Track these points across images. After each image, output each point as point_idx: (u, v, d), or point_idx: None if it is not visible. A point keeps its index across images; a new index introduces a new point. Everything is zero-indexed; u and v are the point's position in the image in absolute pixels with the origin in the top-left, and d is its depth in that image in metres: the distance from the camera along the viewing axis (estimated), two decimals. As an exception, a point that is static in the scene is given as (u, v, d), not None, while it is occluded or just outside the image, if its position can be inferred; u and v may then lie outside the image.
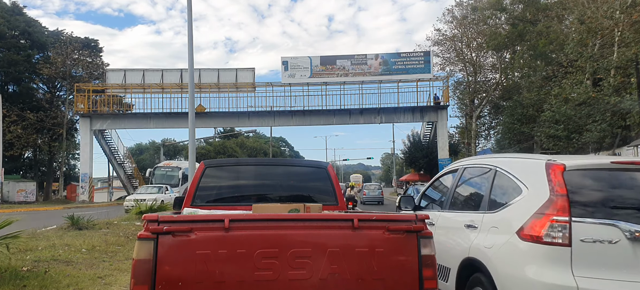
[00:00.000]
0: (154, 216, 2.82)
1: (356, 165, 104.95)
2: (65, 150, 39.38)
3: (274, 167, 5.73)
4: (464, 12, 39.33)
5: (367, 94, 34.14)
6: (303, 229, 2.91)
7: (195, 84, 26.32)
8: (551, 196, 3.16)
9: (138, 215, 13.60)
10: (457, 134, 47.59)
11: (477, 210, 4.00)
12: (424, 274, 2.92)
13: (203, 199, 4.94)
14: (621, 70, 23.24)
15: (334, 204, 5.10)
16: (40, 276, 5.87)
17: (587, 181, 3.26)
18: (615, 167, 3.34)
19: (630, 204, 3.20)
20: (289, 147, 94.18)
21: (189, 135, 14.56)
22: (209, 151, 59.21)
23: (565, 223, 3.03)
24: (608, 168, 3.37)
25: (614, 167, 3.34)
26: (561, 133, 25.78)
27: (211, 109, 34.19)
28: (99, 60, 40.44)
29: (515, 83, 37.69)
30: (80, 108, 34.32)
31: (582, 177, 3.27)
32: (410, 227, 2.98)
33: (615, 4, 23.95)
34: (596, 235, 2.99)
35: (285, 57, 34.45)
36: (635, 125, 21.07)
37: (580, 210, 3.09)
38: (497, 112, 40.57)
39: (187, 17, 14.41)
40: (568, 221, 3.04)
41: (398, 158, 62.03)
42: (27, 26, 38.50)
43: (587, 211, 3.10)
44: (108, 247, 8.58)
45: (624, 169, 3.33)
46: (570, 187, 3.15)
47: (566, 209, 3.06)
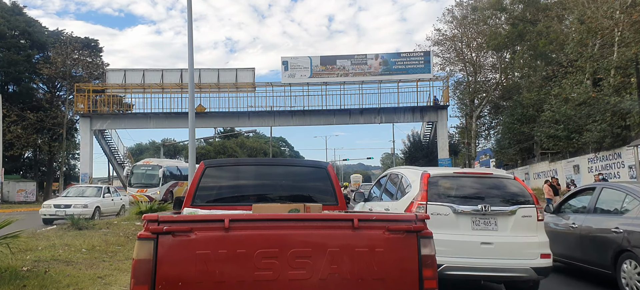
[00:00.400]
0: (154, 216, 2.82)
1: (356, 165, 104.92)
2: (65, 150, 39.37)
3: (274, 167, 5.73)
4: (464, 12, 39.33)
5: (367, 94, 34.11)
6: (303, 229, 2.91)
7: (195, 84, 26.28)
8: (420, 191, 5.84)
9: (138, 215, 13.60)
10: (457, 134, 47.59)
11: (391, 200, 6.87)
12: (424, 274, 2.92)
13: (203, 199, 4.94)
14: (621, 70, 23.23)
15: (334, 204, 5.10)
16: (40, 276, 5.87)
17: (439, 182, 5.93)
18: (455, 175, 6.12)
19: (456, 195, 5.80)
20: (289, 147, 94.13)
21: (189, 135, 14.56)
22: (209, 151, 59.19)
23: (423, 205, 5.67)
24: (451, 175, 6.16)
25: (455, 175, 6.12)
26: (561, 133, 25.78)
27: (211, 109, 34.15)
28: (99, 60, 40.44)
29: (515, 83, 37.68)
30: (80, 108, 34.30)
31: (436, 180, 5.91)
32: (410, 227, 2.97)
33: (615, 4, 23.95)
34: (439, 211, 5.61)
35: (285, 57, 34.42)
36: (635, 125, 21.06)
37: (433, 198, 5.74)
38: (497, 112, 40.57)
39: (187, 17, 14.41)
40: (425, 204, 5.66)
41: (398, 158, 62.02)
42: (27, 26, 38.48)
43: (436, 198, 5.74)
44: (108, 247, 8.58)
45: (459, 176, 6.09)
46: (429, 186, 5.79)
47: (425, 198, 5.72)
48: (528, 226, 5.72)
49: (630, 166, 19.95)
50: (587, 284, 7.04)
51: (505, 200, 5.83)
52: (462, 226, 5.62)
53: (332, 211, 4.64)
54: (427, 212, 5.49)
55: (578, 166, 25.27)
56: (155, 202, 19.81)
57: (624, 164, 21.13)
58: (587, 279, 7.16)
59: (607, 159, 22.53)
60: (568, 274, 7.51)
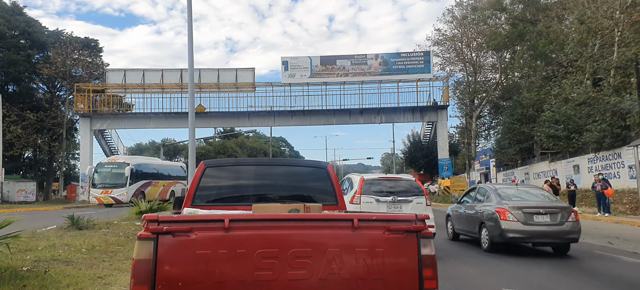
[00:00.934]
0: (154, 216, 2.82)
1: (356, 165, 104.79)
2: (65, 150, 39.36)
3: (274, 167, 5.71)
4: (464, 12, 39.32)
5: (367, 94, 34.17)
6: (303, 229, 2.91)
7: (195, 84, 26.26)
8: (356, 189, 9.64)
9: (138, 215, 13.60)
10: (457, 134, 47.59)
11: (346, 194, 9.83)
12: (424, 274, 2.92)
13: (203, 199, 4.93)
14: (621, 70, 23.22)
15: (334, 204, 5.09)
16: (40, 276, 5.87)
17: (369, 183, 9.72)
18: (380, 179, 10.07)
19: (379, 190, 9.52)
20: (289, 147, 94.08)
21: (189, 135, 14.57)
22: (209, 151, 59.17)
23: (358, 197, 9.39)
24: (377, 179, 10.01)
25: (379, 179, 10.07)
26: (561, 133, 25.77)
27: (211, 109, 34.18)
28: (99, 60, 40.41)
29: (515, 83, 37.66)
30: (80, 108, 34.31)
31: (368, 181, 9.73)
32: (410, 227, 2.97)
33: (615, 4, 23.95)
34: (368, 200, 9.35)
35: (286, 57, 34.43)
36: (635, 125, 21.06)
37: (365, 192, 9.51)
38: (497, 112, 40.57)
39: (187, 17, 14.42)
40: (360, 196, 9.39)
41: (398, 158, 62.00)
42: (27, 26, 38.46)
43: (367, 192, 9.50)
44: (108, 247, 8.58)
45: (381, 180, 9.99)
46: (363, 185, 9.58)
47: (360, 192, 9.45)
48: (420, 209, 9.38)
49: (630, 166, 19.95)
50: (470, 245, 11.14)
51: (407, 193, 9.64)
52: (382, 209, 9.30)
53: (332, 211, 4.63)
54: (361, 201, 9.33)
55: (578, 166, 25.26)
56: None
57: (624, 164, 21.13)
58: (471, 242, 11.38)
59: (607, 159, 22.52)
60: (463, 240, 11.95)
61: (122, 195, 26.76)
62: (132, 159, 30.55)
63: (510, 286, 6.71)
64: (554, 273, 7.69)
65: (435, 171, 39.91)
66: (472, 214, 10.79)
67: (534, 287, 6.79)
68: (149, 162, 31.95)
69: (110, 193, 26.93)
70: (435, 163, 36.97)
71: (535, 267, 8.19)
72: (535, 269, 8.04)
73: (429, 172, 46.42)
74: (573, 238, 9.34)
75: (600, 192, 18.45)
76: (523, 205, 9.52)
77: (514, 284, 6.85)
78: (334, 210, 4.77)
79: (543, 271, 7.87)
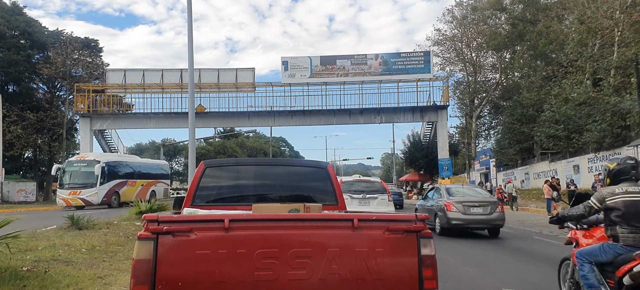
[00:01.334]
0: (154, 216, 2.82)
1: (356, 165, 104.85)
2: (65, 150, 39.33)
3: (273, 167, 5.71)
4: (464, 12, 39.34)
5: (367, 94, 34.11)
6: (303, 229, 2.91)
7: (195, 84, 26.21)
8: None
9: (138, 215, 13.60)
10: (457, 134, 47.60)
11: None
12: (424, 274, 2.92)
13: (203, 199, 4.93)
14: (621, 70, 23.23)
15: (334, 204, 5.09)
16: (40, 276, 5.87)
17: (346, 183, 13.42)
18: (353, 180, 14.22)
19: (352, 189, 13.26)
20: (289, 147, 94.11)
21: (189, 135, 14.57)
22: (209, 151, 59.17)
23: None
24: (351, 180, 14.18)
25: (353, 180, 14.22)
26: (561, 133, 25.78)
27: (211, 109, 34.16)
28: (99, 60, 40.41)
29: (515, 83, 37.68)
30: (80, 108, 34.29)
31: (345, 182, 13.55)
32: (410, 227, 2.97)
33: (615, 4, 23.95)
34: (348, 197, 11.59)
35: (286, 57, 34.42)
36: (635, 125, 21.07)
37: (344, 190, 11.06)
38: (497, 112, 40.58)
39: (187, 17, 14.41)
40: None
41: (398, 158, 62.01)
42: (27, 26, 38.45)
43: (344, 191, 11.13)
44: (108, 247, 8.58)
45: (354, 181, 14.11)
46: (342, 185, 10.70)
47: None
48: (384, 204, 13.00)
49: (630, 166, 19.93)
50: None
51: (374, 192, 13.21)
52: (355, 204, 12.50)
53: (332, 211, 4.63)
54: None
55: (578, 166, 25.26)
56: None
57: (624, 164, 21.10)
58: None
59: (607, 159, 22.53)
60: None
61: (92, 196, 24.92)
62: (104, 156, 28.67)
63: (510, 286, 6.71)
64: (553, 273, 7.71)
65: (435, 171, 39.89)
66: (429, 206, 13.91)
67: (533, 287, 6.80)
68: (125, 161, 30.19)
69: (79, 194, 24.82)
70: (435, 163, 36.94)
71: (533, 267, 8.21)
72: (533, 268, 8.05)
73: (429, 172, 46.40)
74: (499, 224, 12.45)
75: (600, 192, 18.42)
76: (464, 200, 12.59)
77: (514, 284, 6.86)
78: (334, 211, 4.77)
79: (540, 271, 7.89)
